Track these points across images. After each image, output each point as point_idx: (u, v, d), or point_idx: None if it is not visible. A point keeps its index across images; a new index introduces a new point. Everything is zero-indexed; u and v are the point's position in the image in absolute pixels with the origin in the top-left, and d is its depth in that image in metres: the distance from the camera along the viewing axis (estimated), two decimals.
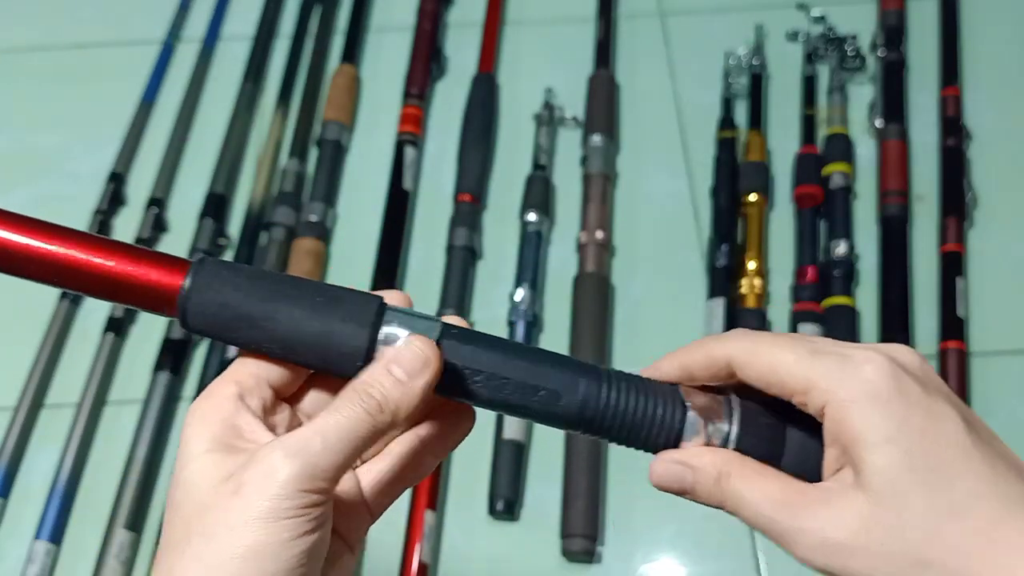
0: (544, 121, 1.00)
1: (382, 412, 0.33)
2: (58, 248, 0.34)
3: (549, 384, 0.36)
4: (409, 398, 0.34)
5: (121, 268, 0.35)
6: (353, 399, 0.33)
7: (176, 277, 0.35)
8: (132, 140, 1.03)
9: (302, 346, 0.35)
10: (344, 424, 0.33)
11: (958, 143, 0.95)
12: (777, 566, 0.77)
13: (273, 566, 0.31)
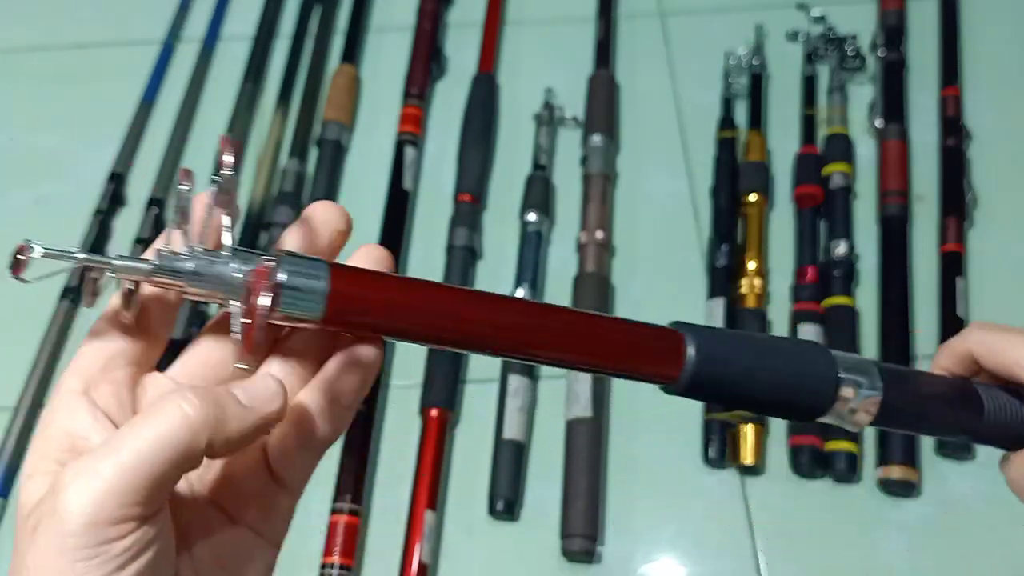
0: (544, 121, 1.00)
1: (206, 430, 0.28)
2: (564, 331, 0.34)
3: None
4: (246, 426, 0.29)
5: (626, 348, 0.35)
6: (168, 410, 0.27)
7: (674, 348, 0.35)
8: (132, 140, 1.03)
9: (781, 399, 0.37)
10: (149, 443, 0.27)
11: (958, 143, 0.95)
12: (777, 566, 0.77)
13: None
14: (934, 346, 0.85)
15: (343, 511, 0.77)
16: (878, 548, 0.77)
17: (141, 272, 0.30)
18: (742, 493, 0.80)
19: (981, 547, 0.77)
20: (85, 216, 0.97)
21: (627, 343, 0.35)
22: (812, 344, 0.38)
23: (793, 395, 0.37)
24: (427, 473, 0.79)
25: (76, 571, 0.26)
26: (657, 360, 0.35)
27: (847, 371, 0.37)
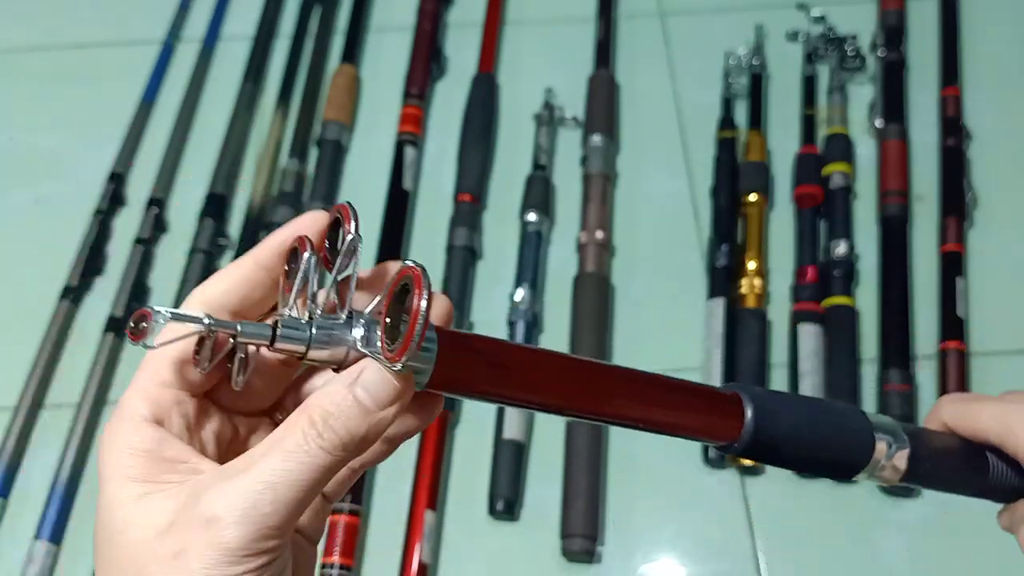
0: (544, 121, 1.00)
1: (344, 450, 0.29)
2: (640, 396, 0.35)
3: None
4: (378, 432, 0.29)
5: (693, 412, 0.37)
6: (310, 434, 0.28)
7: (732, 410, 0.37)
8: (132, 140, 1.03)
9: (826, 459, 0.39)
10: (299, 471, 0.28)
11: (958, 143, 0.95)
12: (777, 566, 0.77)
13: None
14: (934, 346, 0.85)
15: (343, 511, 0.77)
16: (878, 548, 0.77)
17: (265, 338, 0.29)
18: (742, 493, 0.80)
19: (981, 547, 0.77)
20: (85, 216, 0.97)
21: (694, 407, 0.37)
22: (848, 405, 0.41)
23: (838, 454, 0.39)
24: (427, 473, 0.79)
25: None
26: (720, 424, 0.37)
27: (879, 430, 0.40)
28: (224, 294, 0.32)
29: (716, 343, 0.84)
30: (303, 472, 0.28)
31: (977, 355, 0.85)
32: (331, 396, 0.29)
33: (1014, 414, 0.41)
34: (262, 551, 0.28)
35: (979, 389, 0.83)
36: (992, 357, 0.85)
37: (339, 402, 0.29)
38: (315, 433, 0.28)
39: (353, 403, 0.29)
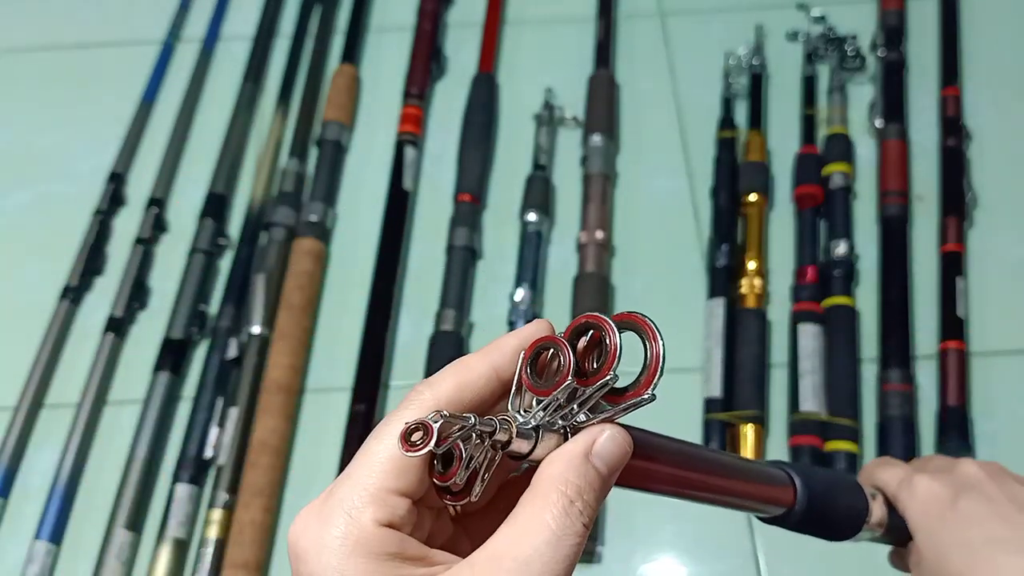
0: (544, 121, 1.00)
1: (588, 522, 0.27)
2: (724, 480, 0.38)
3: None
4: (603, 495, 0.28)
5: (759, 489, 0.41)
6: (572, 513, 0.27)
7: (786, 487, 0.42)
8: (132, 140, 1.03)
9: (847, 525, 0.47)
10: (565, 549, 0.27)
11: (958, 143, 0.95)
12: (777, 566, 0.77)
13: None
14: (934, 346, 0.85)
15: None
16: (878, 548, 0.77)
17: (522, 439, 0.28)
18: None
19: None
20: (85, 216, 0.97)
21: (760, 486, 0.41)
22: (847, 474, 0.48)
23: (855, 520, 0.47)
24: None
25: None
26: (778, 498, 0.41)
27: (872, 498, 0.48)
28: (459, 397, 0.30)
29: (716, 343, 0.84)
30: (569, 549, 0.27)
31: (977, 355, 0.85)
32: (575, 469, 0.28)
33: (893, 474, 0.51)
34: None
35: (979, 389, 0.83)
36: (992, 357, 0.85)
37: (584, 474, 0.28)
38: (577, 511, 0.27)
39: (596, 474, 0.28)
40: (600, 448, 0.28)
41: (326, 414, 0.85)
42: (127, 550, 0.77)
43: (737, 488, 0.39)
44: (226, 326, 0.88)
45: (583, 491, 0.28)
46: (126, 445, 0.83)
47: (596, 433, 0.29)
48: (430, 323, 0.88)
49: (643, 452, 0.31)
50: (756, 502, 0.41)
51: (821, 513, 0.43)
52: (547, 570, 0.26)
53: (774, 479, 0.41)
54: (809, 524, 0.43)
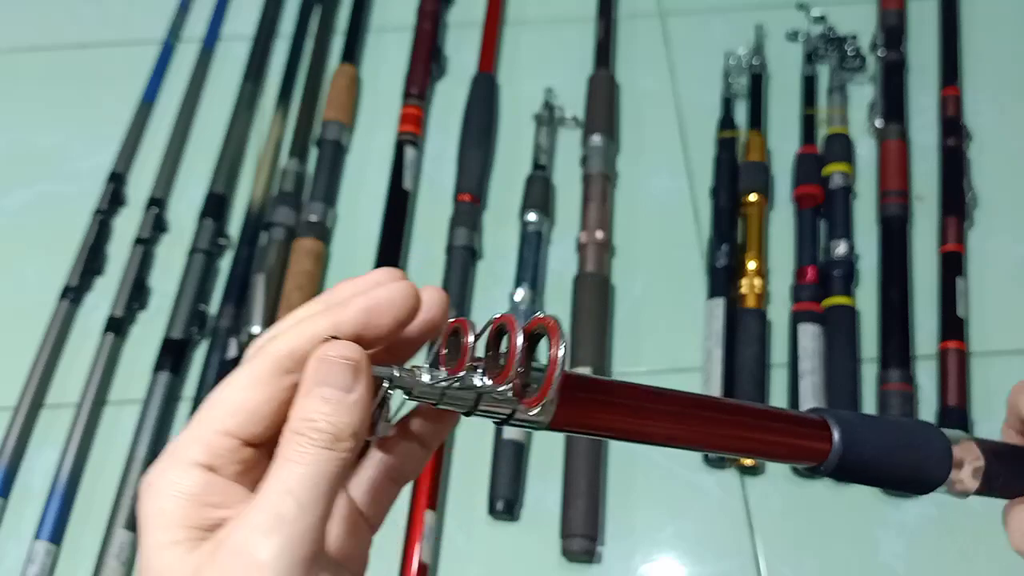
0: (544, 121, 1.00)
1: (341, 440, 0.29)
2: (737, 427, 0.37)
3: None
4: (360, 413, 0.29)
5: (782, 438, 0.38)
6: (302, 441, 0.29)
7: (821, 434, 0.38)
8: (132, 140, 1.03)
9: (909, 476, 0.41)
10: (310, 472, 0.28)
11: (958, 143, 0.95)
12: (777, 566, 0.77)
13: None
14: (934, 346, 0.85)
15: None
16: (878, 548, 0.77)
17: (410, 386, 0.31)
18: (742, 493, 0.80)
19: (981, 547, 0.77)
20: (85, 216, 0.97)
21: (788, 433, 0.38)
22: (926, 423, 0.42)
23: (918, 472, 0.41)
24: (427, 473, 0.79)
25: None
26: (810, 447, 0.38)
27: (956, 446, 0.42)
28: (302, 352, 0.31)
29: (716, 343, 0.84)
30: (315, 470, 0.28)
31: (977, 355, 0.85)
32: (301, 407, 0.29)
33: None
34: (302, 560, 0.28)
35: (979, 389, 0.83)
36: (992, 357, 0.85)
37: (308, 405, 0.29)
38: (306, 439, 0.29)
39: (323, 399, 0.29)
40: (319, 376, 0.29)
41: None
42: (127, 550, 0.77)
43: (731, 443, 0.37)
44: (226, 326, 0.88)
45: (310, 421, 0.29)
46: (126, 445, 0.83)
47: (312, 366, 0.30)
48: None
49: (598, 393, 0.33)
50: (775, 449, 0.38)
51: (868, 464, 0.39)
52: (292, 495, 0.28)
53: (802, 426, 0.39)
54: (854, 475, 0.40)
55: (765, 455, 0.38)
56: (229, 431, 0.30)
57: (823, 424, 0.39)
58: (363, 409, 0.30)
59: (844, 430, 0.38)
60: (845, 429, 0.38)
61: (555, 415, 0.32)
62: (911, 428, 0.42)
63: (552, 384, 0.30)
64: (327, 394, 0.29)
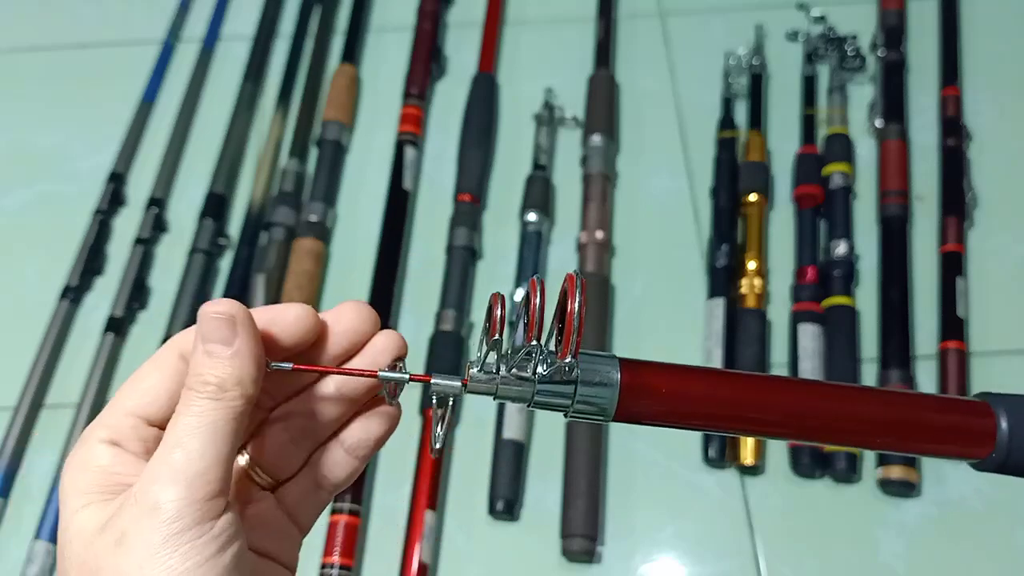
0: (544, 121, 1.00)
1: (227, 391, 0.31)
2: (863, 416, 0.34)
3: None
4: (242, 363, 0.31)
5: (931, 428, 0.34)
6: (191, 395, 0.31)
7: (986, 424, 0.34)
8: (132, 140, 1.03)
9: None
10: (198, 422, 0.30)
11: (958, 143, 0.95)
12: (777, 566, 0.77)
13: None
14: (934, 346, 0.85)
15: (343, 511, 0.77)
16: (878, 548, 0.77)
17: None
18: (742, 493, 0.80)
19: (981, 547, 0.77)
20: (85, 216, 0.97)
21: (932, 423, 0.34)
22: None
23: None
24: (427, 473, 0.79)
25: (184, 553, 0.29)
26: (967, 439, 0.34)
27: None
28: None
29: (716, 343, 0.84)
30: (203, 420, 0.30)
31: (977, 355, 0.85)
32: (190, 365, 0.32)
33: None
34: (200, 505, 0.29)
35: (979, 389, 0.83)
36: (992, 357, 0.85)
37: (194, 362, 0.31)
38: (194, 392, 0.31)
39: (205, 353, 0.31)
40: (202, 333, 0.32)
41: None
42: None
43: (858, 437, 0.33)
44: None
45: (197, 375, 0.31)
46: None
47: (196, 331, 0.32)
48: (430, 323, 0.88)
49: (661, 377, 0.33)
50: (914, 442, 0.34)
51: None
52: (182, 446, 0.30)
53: (958, 413, 0.34)
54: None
55: (912, 451, 0.34)
56: (129, 411, 0.32)
57: (987, 411, 0.34)
58: (245, 359, 0.31)
59: (1015, 419, 0.33)
60: (1016, 418, 0.34)
61: (620, 394, 0.31)
62: None
63: (572, 327, 0.30)
64: (210, 348, 0.31)
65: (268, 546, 0.35)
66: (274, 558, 0.35)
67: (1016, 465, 0.34)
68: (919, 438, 0.34)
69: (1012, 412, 0.34)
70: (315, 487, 0.36)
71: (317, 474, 0.36)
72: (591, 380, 0.32)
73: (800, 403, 0.33)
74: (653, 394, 0.32)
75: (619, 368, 0.32)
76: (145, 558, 0.29)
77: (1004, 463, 0.34)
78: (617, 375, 0.32)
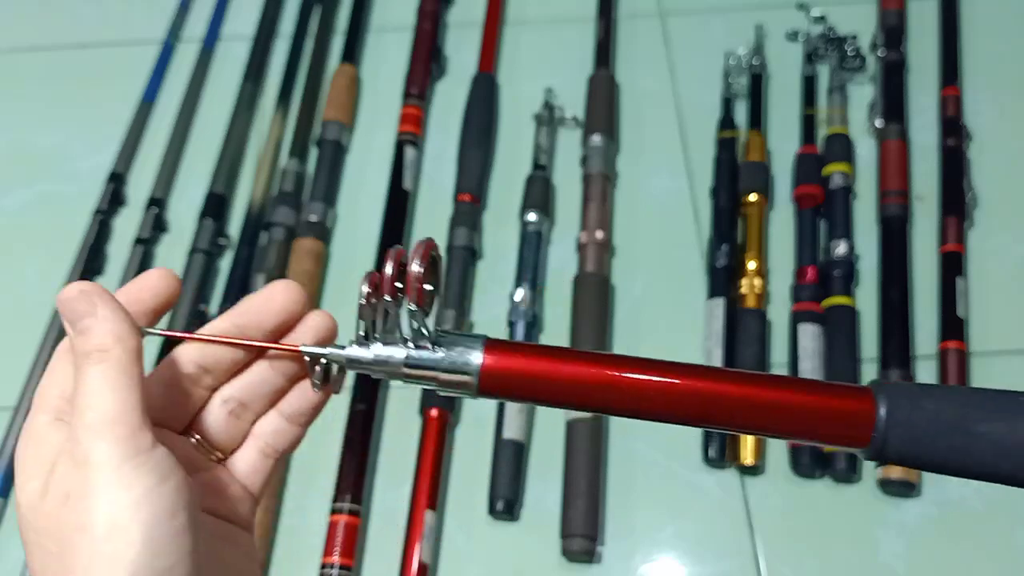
0: (544, 121, 1.00)
1: (108, 350, 0.33)
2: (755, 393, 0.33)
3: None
4: (112, 322, 0.34)
5: (804, 413, 0.33)
6: (83, 366, 0.33)
7: (864, 410, 0.32)
8: (132, 140, 1.03)
9: (1006, 466, 0.31)
10: (96, 384, 0.33)
11: (958, 143, 0.95)
12: (777, 566, 0.77)
13: (151, 519, 0.31)
14: (934, 346, 0.85)
15: (343, 511, 0.77)
16: (878, 548, 0.77)
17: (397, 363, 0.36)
18: (742, 493, 0.80)
19: (981, 547, 0.77)
20: (85, 216, 0.97)
21: (807, 407, 0.33)
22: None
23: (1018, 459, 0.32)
24: (427, 473, 0.79)
25: (127, 486, 0.31)
26: (844, 425, 0.32)
27: None
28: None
29: (716, 343, 0.84)
30: (101, 384, 0.33)
31: (977, 355, 0.85)
32: (73, 348, 0.34)
33: None
34: (128, 455, 0.31)
35: None
36: (992, 357, 0.85)
37: (75, 343, 0.34)
38: (84, 363, 0.33)
39: (79, 332, 0.34)
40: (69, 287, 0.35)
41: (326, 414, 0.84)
42: None
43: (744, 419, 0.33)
44: None
45: (74, 324, 0.34)
46: None
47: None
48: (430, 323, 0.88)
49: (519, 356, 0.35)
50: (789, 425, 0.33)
51: (921, 453, 0.32)
52: (96, 395, 0.33)
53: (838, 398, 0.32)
54: (910, 459, 0.32)
55: (783, 435, 0.34)
56: (58, 395, 0.35)
57: (867, 397, 0.32)
58: (113, 319, 0.34)
59: (893, 403, 0.32)
60: (895, 402, 0.32)
61: (483, 369, 0.35)
62: (1006, 402, 0.32)
63: (411, 287, 0.33)
64: (80, 326, 0.34)
65: (224, 509, 0.37)
66: (231, 520, 0.37)
67: (895, 453, 0.32)
68: (793, 423, 0.33)
69: (891, 398, 0.32)
70: (262, 456, 0.39)
71: (262, 443, 0.39)
72: (455, 359, 0.35)
73: (662, 385, 0.34)
74: (514, 372, 0.35)
75: (483, 346, 0.35)
76: (92, 504, 0.31)
77: (881, 450, 0.32)
78: (480, 352, 0.35)
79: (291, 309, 0.38)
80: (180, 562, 0.31)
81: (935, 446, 0.32)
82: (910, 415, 0.32)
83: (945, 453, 0.32)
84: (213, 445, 0.38)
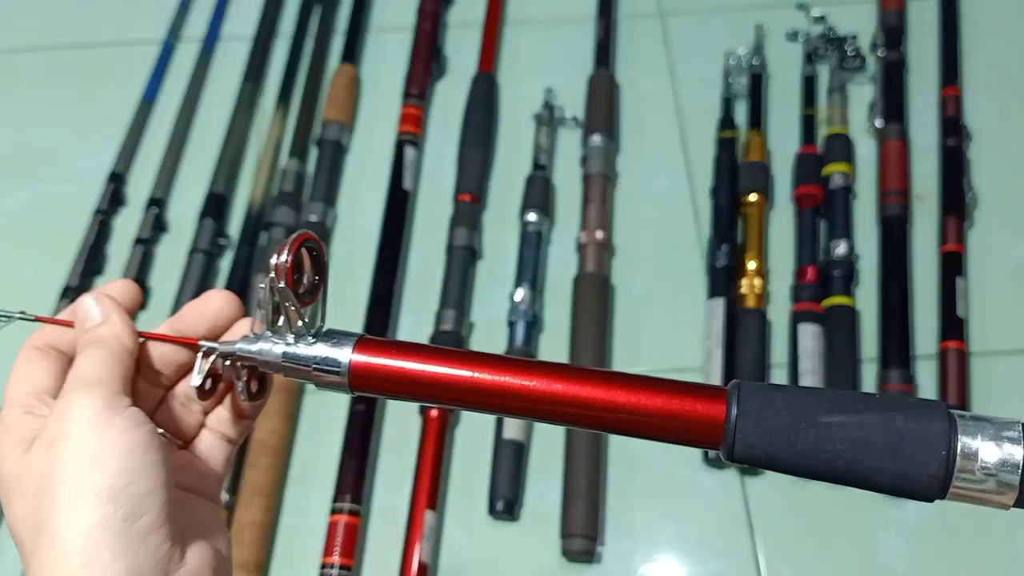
0: (544, 121, 1.00)
1: (107, 341, 0.38)
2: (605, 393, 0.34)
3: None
4: (114, 324, 0.38)
5: (664, 406, 0.33)
6: (84, 350, 0.38)
7: (715, 409, 0.32)
8: (132, 140, 1.03)
9: (868, 472, 0.31)
10: (91, 361, 0.37)
11: (958, 143, 0.95)
12: (777, 566, 0.77)
13: (125, 452, 0.34)
14: (934, 346, 0.85)
15: (343, 511, 0.77)
16: (878, 548, 0.77)
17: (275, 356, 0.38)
18: (742, 493, 0.80)
19: (981, 547, 0.77)
20: (85, 216, 0.97)
21: (661, 409, 0.33)
22: (919, 401, 0.32)
23: (887, 464, 0.31)
24: (427, 473, 0.79)
25: (104, 427, 0.34)
26: (697, 425, 0.32)
27: (969, 431, 0.31)
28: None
29: (716, 343, 0.84)
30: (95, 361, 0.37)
31: (977, 355, 0.85)
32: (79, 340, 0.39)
33: None
34: (106, 405, 0.35)
35: (979, 389, 0.83)
36: (992, 357, 0.85)
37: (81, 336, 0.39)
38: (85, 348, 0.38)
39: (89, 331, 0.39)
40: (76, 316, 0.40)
41: (326, 414, 0.85)
42: None
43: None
44: None
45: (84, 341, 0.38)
46: None
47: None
48: (430, 323, 0.88)
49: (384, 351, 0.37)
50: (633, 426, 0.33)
51: (773, 450, 0.31)
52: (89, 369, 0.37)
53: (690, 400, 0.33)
54: (773, 465, 0.32)
55: (639, 434, 0.34)
56: (29, 392, 0.38)
57: (720, 397, 0.32)
58: (115, 322, 0.38)
59: (744, 403, 0.31)
60: (746, 401, 0.31)
61: (351, 367, 0.36)
62: (882, 403, 0.31)
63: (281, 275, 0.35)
64: (88, 325, 0.38)
65: (191, 484, 0.40)
66: (199, 494, 0.41)
67: (744, 455, 0.32)
68: (651, 424, 0.33)
69: (743, 399, 0.32)
70: (218, 441, 0.42)
71: (215, 431, 0.42)
72: (327, 355, 0.37)
73: (521, 387, 0.35)
74: (382, 371, 0.36)
75: (354, 344, 0.37)
76: (73, 442, 0.34)
77: (731, 452, 0.32)
78: (351, 350, 0.37)
79: (222, 315, 0.41)
80: (156, 490, 0.34)
81: (787, 443, 0.31)
82: (760, 412, 0.32)
83: (797, 452, 0.32)
84: (173, 435, 0.41)
